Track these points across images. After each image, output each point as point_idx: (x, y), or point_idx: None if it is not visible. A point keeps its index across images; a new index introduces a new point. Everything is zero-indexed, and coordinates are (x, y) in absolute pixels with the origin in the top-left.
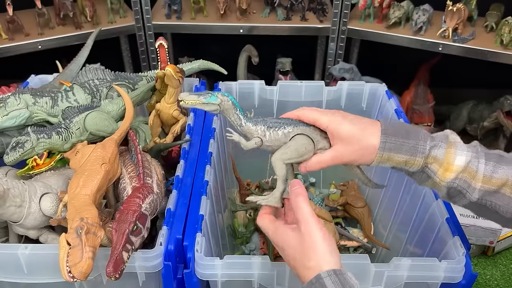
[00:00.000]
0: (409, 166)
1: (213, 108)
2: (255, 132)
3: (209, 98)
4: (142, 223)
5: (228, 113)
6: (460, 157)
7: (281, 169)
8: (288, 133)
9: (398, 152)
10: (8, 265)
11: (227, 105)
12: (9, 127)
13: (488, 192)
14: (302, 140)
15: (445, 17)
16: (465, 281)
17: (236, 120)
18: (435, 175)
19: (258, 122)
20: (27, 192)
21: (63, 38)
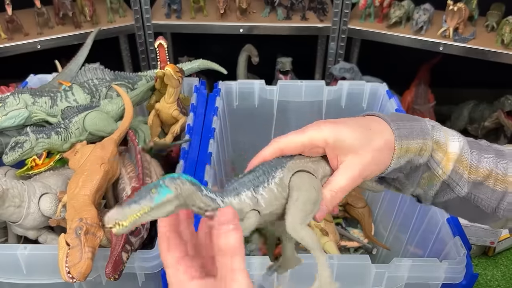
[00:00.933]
0: (422, 154)
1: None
2: (245, 205)
3: (157, 196)
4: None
5: (193, 201)
6: (453, 143)
7: (310, 235)
8: (282, 181)
9: (413, 138)
10: (7, 266)
11: (186, 189)
12: (8, 127)
13: (474, 184)
14: (304, 180)
15: (445, 17)
16: (466, 281)
17: (208, 204)
18: (438, 166)
19: (237, 189)
20: (26, 192)
21: (62, 37)
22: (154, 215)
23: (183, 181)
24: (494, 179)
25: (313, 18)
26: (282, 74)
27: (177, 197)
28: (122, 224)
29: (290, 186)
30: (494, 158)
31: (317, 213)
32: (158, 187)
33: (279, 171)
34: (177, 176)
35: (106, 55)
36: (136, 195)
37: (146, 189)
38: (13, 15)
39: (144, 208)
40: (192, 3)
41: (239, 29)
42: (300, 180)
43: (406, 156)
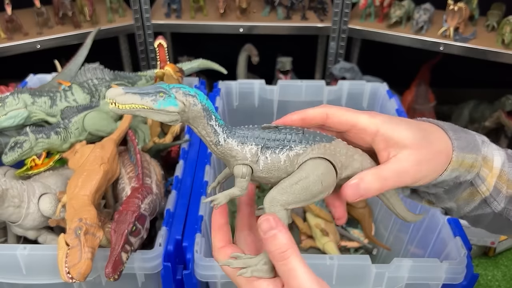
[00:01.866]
0: (472, 170)
1: (168, 118)
2: (242, 156)
3: (161, 101)
4: (141, 224)
5: (197, 124)
6: (497, 158)
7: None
8: (296, 157)
9: (468, 151)
10: (7, 266)
11: (194, 111)
12: (8, 127)
13: (510, 198)
14: (318, 170)
15: (446, 17)
16: (467, 282)
17: (210, 135)
18: (483, 183)
19: (246, 138)
20: (25, 193)
21: (62, 37)
22: (151, 115)
23: (195, 102)
24: None
25: (313, 18)
26: (282, 73)
27: (180, 113)
28: (118, 106)
29: (301, 166)
30: None
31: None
32: (166, 94)
33: (301, 146)
34: (193, 93)
35: (105, 55)
36: (146, 88)
37: (156, 89)
38: (13, 15)
39: (144, 105)
40: (192, 2)
41: (239, 28)
42: (315, 167)
43: (459, 170)
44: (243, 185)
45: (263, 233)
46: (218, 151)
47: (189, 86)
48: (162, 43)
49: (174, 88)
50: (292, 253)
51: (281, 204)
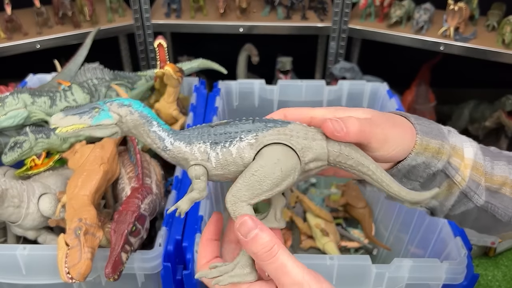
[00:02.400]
0: (439, 157)
1: (108, 132)
2: (191, 156)
3: (97, 117)
4: (141, 224)
5: (139, 133)
6: (468, 149)
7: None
8: (249, 147)
9: (432, 137)
10: (7, 266)
11: (132, 120)
12: (8, 127)
13: (490, 192)
14: (273, 157)
15: (446, 16)
16: (467, 282)
17: (155, 142)
18: (457, 173)
19: (193, 138)
20: (25, 193)
21: (61, 37)
22: (92, 133)
23: (132, 111)
24: (510, 187)
25: (313, 18)
26: (282, 73)
27: (118, 124)
28: (61, 130)
29: (256, 156)
30: (507, 165)
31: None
32: (100, 109)
33: (252, 135)
34: (127, 103)
35: (105, 54)
36: (84, 107)
37: (91, 106)
38: (13, 15)
39: (83, 123)
40: (192, 2)
41: (239, 28)
42: (269, 155)
43: (424, 154)
44: (200, 186)
45: (243, 237)
46: (169, 157)
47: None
48: (162, 43)
49: (108, 102)
50: (278, 249)
51: (242, 200)
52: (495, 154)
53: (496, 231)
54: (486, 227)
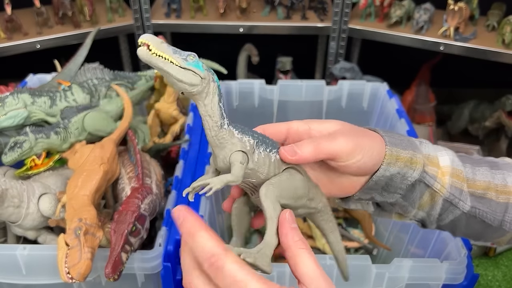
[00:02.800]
0: (414, 167)
1: (192, 80)
2: (241, 144)
3: (191, 62)
4: (141, 224)
5: (208, 101)
6: (443, 158)
7: (276, 211)
8: (279, 162)
9: (403, 148)
10: (7, 266)
11: (212, 86)
12: (8, 127)
13: (476, 198)
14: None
15: (446, 16)
16: (467, 282)
17: (216, 116)
18: (435, 181)
19: (245, 130)
20: (25, 193)
21: (61, 37)
22: (175, 71)
23: (214, 78)
24: (495, 191)
25: (313, 18)
26: (282, 73)
27: (202, 81)
28: (150, 50)
29: (284, 171)
30: (489, 170)
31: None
32: (196, 59)
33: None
34: (212, 71)
35: (105, 54)
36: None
37: (184, 52)
38: (13, 15)
39: (175, 60)
40: (191, 2)
41: (239, 28)
42: (294, 174)
43: (397, 164)
44: (240, 173)
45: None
46: (218, 135)
47: None
48: None
49: (201, 60)
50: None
51: (276, 195)
52: (476, 160)
53: (490, 237)
54: (479, 233)
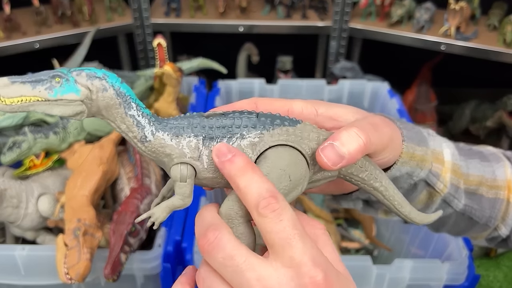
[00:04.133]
0: (423, 166)
1: (70, 111)
2: (178, 152)
3: (58, 89)
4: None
5: (112, 116)
6: (446, 150)
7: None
8: (251, 147)
9: (417, 143)
10: (5, 267)
11: (105, 98)
12: (6, 126)
13: (468, 194)
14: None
15: (447, 16)
16: (468, 282)
17: (132, 130)
18: (438, 180)
19: (182, 128)
20: (24, 193)
21: (60, 37)
22: (48, 110)
23: (105, 85)
24: (486, 186)
25: (314, 17)
26: (282, 73)
27: (86, 102)
28: (3, 101)
29: (259, 159)
30: (480, 163)
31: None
32: (63, 79)
33: (255, 133)
34: (101, 74)
35: (104, 54)
36: (39, 74)
37: (50, 74)
38: (11, 14)
39: (37, 96)
40: (191, 1)
41: (239, 27)
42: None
43: (409, 164)
44: (185, 191)
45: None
46: (146, 150)
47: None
48: (161, 43)
49: (74, 71)
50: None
51: (241, 215)
52: (467, 151)
53: (473, 233)
54: (462, 230)
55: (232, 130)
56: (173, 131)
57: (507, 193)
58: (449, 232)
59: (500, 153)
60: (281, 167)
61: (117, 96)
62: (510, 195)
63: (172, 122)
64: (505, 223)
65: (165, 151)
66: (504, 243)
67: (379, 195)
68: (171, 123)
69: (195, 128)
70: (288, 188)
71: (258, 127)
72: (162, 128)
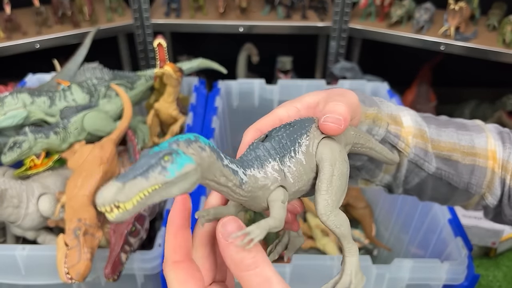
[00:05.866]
0: (379, 124)
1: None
2: (271, 180)
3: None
4: (141, 224)
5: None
6: (405, 118)
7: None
8: (308, 149)
9: (368, 105)
10: (6, 266)
11: (207, 157)
12: (7, 126)
13: (442, 160)
14: (335, 151)
15: (447, 16)
16: (468, 282)
17: (231, 178)
18: (399, 140)
19: (260, 158)
20: (24, 193)
21: (61, 37)
22: (167, 193)
23: (202, 146)
24: (461, 152)
25: (314, 17)
26: (282, 73)
27: (198, 169)
28: (123, 208)
29: (317, 157)
30: (455, 131)
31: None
32: (173, 154)
33: (304, 137)
34: (193, 138)
35: (105, 54)
36: (139, 164)
37: (154, 156)
38: (12, 14)
39: (155, 184)
40: (191, 2)
41: (239, 28)
42: (331, 151)
43: (365, 122)
44: (282, 214)
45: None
46: (245, 193)
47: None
48: (162, 43)
49: (172, 143)
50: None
51: (336, 206)
52: (443, 122)
53: (457, 201)
54: (445, 197)
55: (290, 143)
56: (256, 163)
57: (492, 162)
58: (434, 200)
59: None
60: (337, 154)
61: (213, 151)
62: (495, 165)
63: (249, 157)
64: (491, 193)
65: (260, 186)
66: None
67: (372, 152)
68: (249, 158)
69: (269, 153)
70: (347, 169)
71: (302, 132)
72: (247, 166)
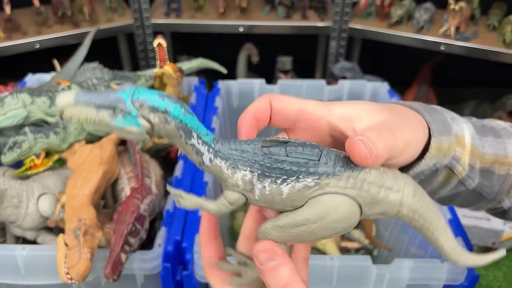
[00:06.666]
0: (449, 154)
1: (134, 137)
2: (232, 182)
3: (120, 119)
4: (141, 224)
5: (173, 142)
6: (466, 132)
7: None
8: (305, 190)
9: (443, 133)
10: (6, 267)
11: (167, 130)
12: (7, 126)
13: (481, 172)
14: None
15: (447, 16)
16: (468, 282)
17: (191, 155)
18: (459, 163)
19: (239, 161)
20: (24, 193)
21: (61, 37)
22: (108, 130)
23: (167, 119)
24: (499, 163)
25: (314, 17)
26: (282, 73)
27: (148, 132)
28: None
29: (310, 202)
30: (494, 141)
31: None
32: (126, 113)
33: (312, 178)
34: (163, 108)
35: (105, 54)
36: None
37: (115, 100)
38: (12, 14)
39: (101, 119)
40: (191, 2)
41: (239, 28)
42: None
43: (437, 156)
44: (224, 210)
45: (260, 264)
46: (205, 169)
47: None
48: (162, 43)
49: (138, 100)
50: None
51: (273, 239)
52: (480, 129)
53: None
54: (468, 204)
55: (289, 173)
56: (230, 161)
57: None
58: (453, 205)
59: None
60: (331, 220)
61: (178, 129)
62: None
63: (230, 151)
64: (509, 196)
65: (221, 176)
66: (502, 215)
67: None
68: (228, 151)
69: (252, 164)
70: (328, 235)
71: (316, 173)
72: (220, 156)
